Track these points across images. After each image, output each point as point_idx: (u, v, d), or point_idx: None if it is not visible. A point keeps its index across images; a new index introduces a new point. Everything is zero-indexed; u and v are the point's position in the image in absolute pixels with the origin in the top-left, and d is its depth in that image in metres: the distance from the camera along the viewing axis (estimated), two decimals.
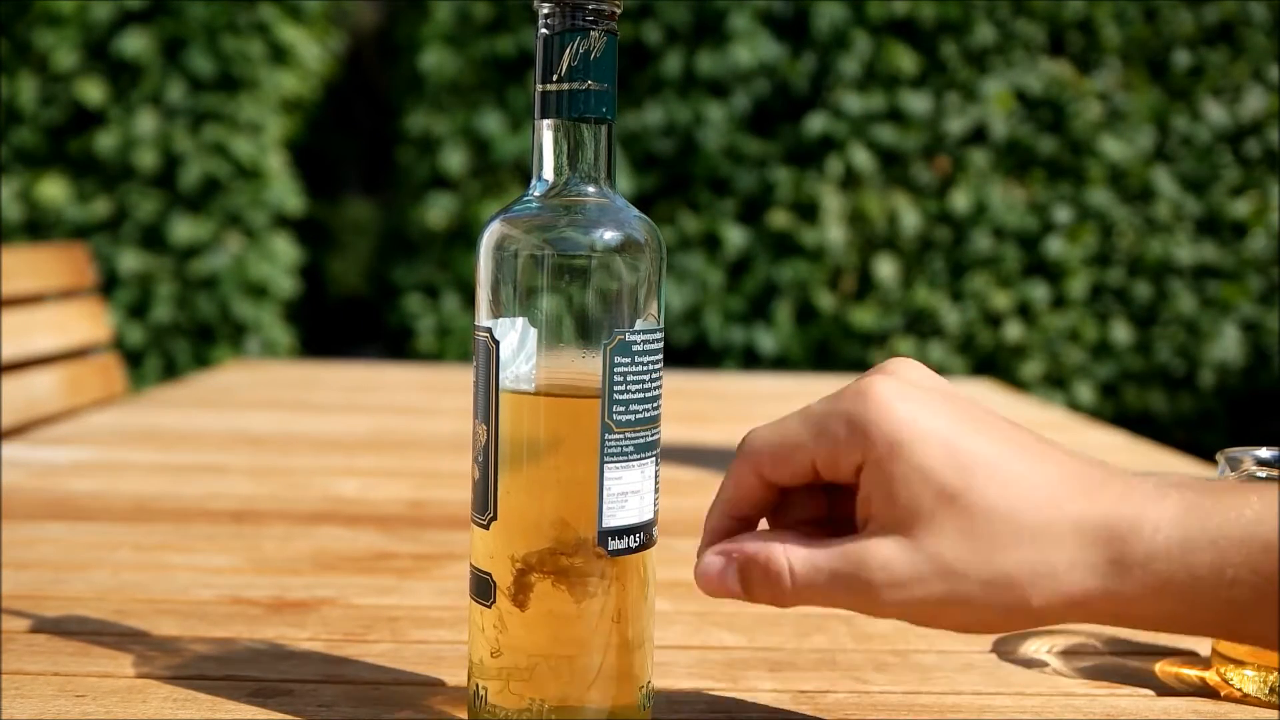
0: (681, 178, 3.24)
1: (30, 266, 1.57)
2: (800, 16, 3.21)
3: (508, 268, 0.46)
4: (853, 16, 3.18)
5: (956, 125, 3.20)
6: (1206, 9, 3.29)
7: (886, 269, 3.22)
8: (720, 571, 0.45)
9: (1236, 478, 0.57)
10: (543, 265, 0.46)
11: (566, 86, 0.46)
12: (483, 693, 0.48)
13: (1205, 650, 0.61)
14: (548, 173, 0.48)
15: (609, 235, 0.46)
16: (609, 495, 0.46)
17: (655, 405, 0.48)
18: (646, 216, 0.48)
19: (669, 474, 0.86)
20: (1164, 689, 0.57)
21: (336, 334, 4.38)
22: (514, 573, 0.46)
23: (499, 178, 3.22)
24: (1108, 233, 3.32)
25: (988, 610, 0.40)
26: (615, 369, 0.46)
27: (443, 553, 0.79)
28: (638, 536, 0.47)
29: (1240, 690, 0.56)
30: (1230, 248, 3.36)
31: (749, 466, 0.45)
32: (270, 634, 0.62)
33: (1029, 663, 0.61)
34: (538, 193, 0.48)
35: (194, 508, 0.90)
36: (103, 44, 3.05)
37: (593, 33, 0.46)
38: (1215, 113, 3.31)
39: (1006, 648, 0.63)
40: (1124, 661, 0.61)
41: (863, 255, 3.26)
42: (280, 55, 3.22)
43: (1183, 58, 3.30)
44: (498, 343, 0.46)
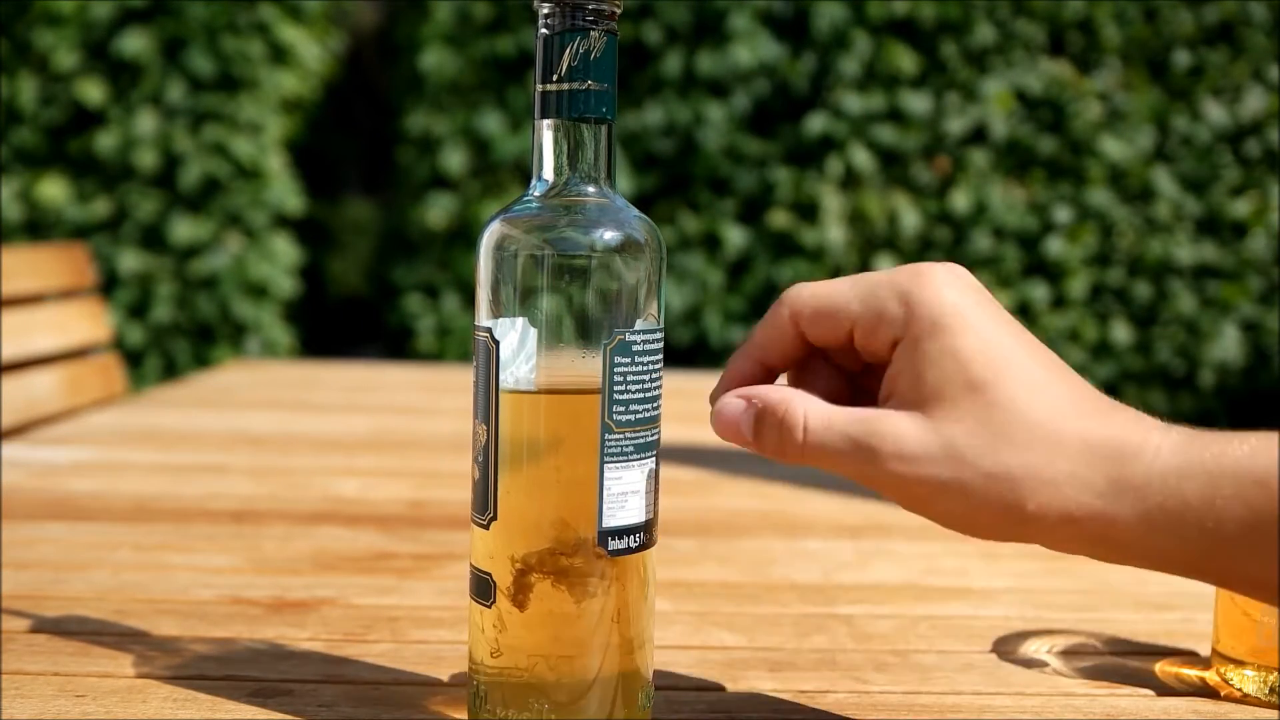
0: (681, 178, 3.24)
1: (30, 266, 1.57)
2: (800, 16, 3.21)
3: (508, 268, 0.46)
4: (853, 16, 3.18)
5: (956, 125, 3.20)
6: (1206, 9, 3.29)
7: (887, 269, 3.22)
8: (738, 415, 0.45)
9: None
10: (543, 265, 0.46)
11: (566, 86, 0.46)
12: (483, 693, 0.48)
13: (1205, 650, 0.61)
14: (548, 173, 0.48)
15: (609, 235, 0.46)
16: (609, 495, 0.46)
17: (655, 405, 0.48)
18: (646, 216, 0.48)
19: (669, 474, 0.86)
20: (1164, 689, 0.57)
21: (336, 334, 4.38)
22: (514, 573, 0.46)
23: (499, 178, 3.22)
24: (1108, 233, 3.32)
25: (983, 506, 0.41)
26: (615, 369, 0.46)
27: (443, 553, 0.79)
28: (638, 536, 0.47)
29: (1240, 690, 0.56)
30: (1230, 248, 3.36)
31: (788, 315, 0.46)
32: (270, 634, 0.62)
33: (1029, 663, 0.61)
34: (538, 193, 0.48)
35: (194, 508, 0.90)
36: (103, 44, 3.05)
37: (593, 33, 0.46)
38: (1215, 113, 3.31)
39: (1006, 648, 0.63)
40: (1124, 661, 0.61)
41: (863, 255, 3.26)
42: (280, 55, 3.22)
43: (1183, 58, 3.30)
44: (498, 343, 0.46)
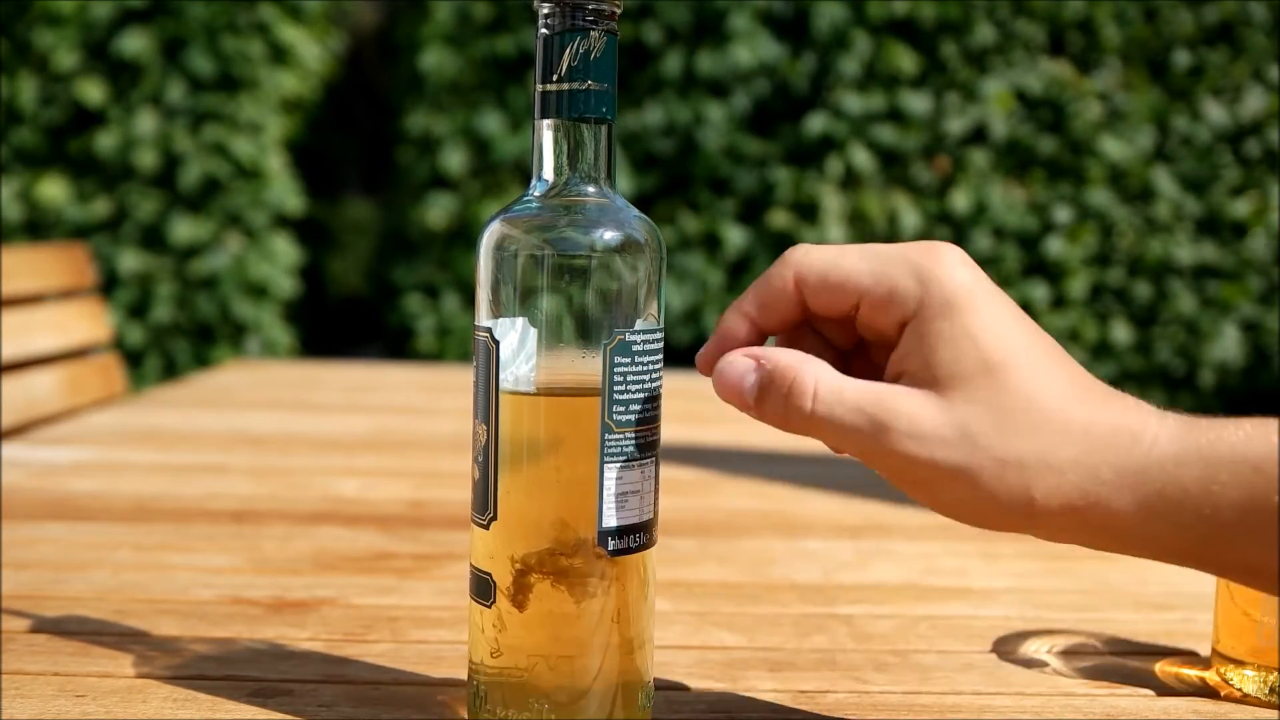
0: (681, 178, 3.25)
1: (30, 266, 1.57)
2: (800, 16, 3.21)
3: (508, 268, 0.46)
4: (853, 16, 3.18)
5: (956, 125, 3.20)
6: (1206, 9, 3.29)
7: None
8: (742, 375, 0.44)
9: None
10: (543, 265, 0.46)
11: (566, 86, 0.46)
12: (483, 693, 0.48)
13: (1205, 650, 0.61)
14: (548, 173, 0.48)
15: (609, 235, 0.46)
16: (609, 495, 0.46)
17: (655, 405, 0.48)
18: (646, 216, 0.48)
19: (669, 474, 0.86)
20: (1164, 689, 0.57)
21: (336, 334, 4.38)
22: (514, 573, 0.46)
23: (499, 178, 3.22)
24: (1108, 233, 3.32)
25: (989, 495, 0.40)
26: (615, 369, 0.46)
27: (443, 553, 0.79)
28: (638, 536, 0.47)
29: (1240, 690, 0.56)
30: (1230, 248, 3.36)
31: (792, 278, 0.44)
32: (270, 634, 0.62)
33: (1029, 663, 0.61)
34: (538, 193, 0.48)
35: (194, 508, 0.90)
36: (103, 44, 3.05)
37: (593, 33, 0.46)
38: (1215, 113, 3.31)
39: (1006, 648, 0.63)
40: (1124, 661, 0.61)
41: None
42: (280, 55, 3.22)
43: (1183, 58, 3.30)
44: (498, 343, 0.46)
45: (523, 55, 3.16)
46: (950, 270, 0.41)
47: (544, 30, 0.47)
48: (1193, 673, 0.59)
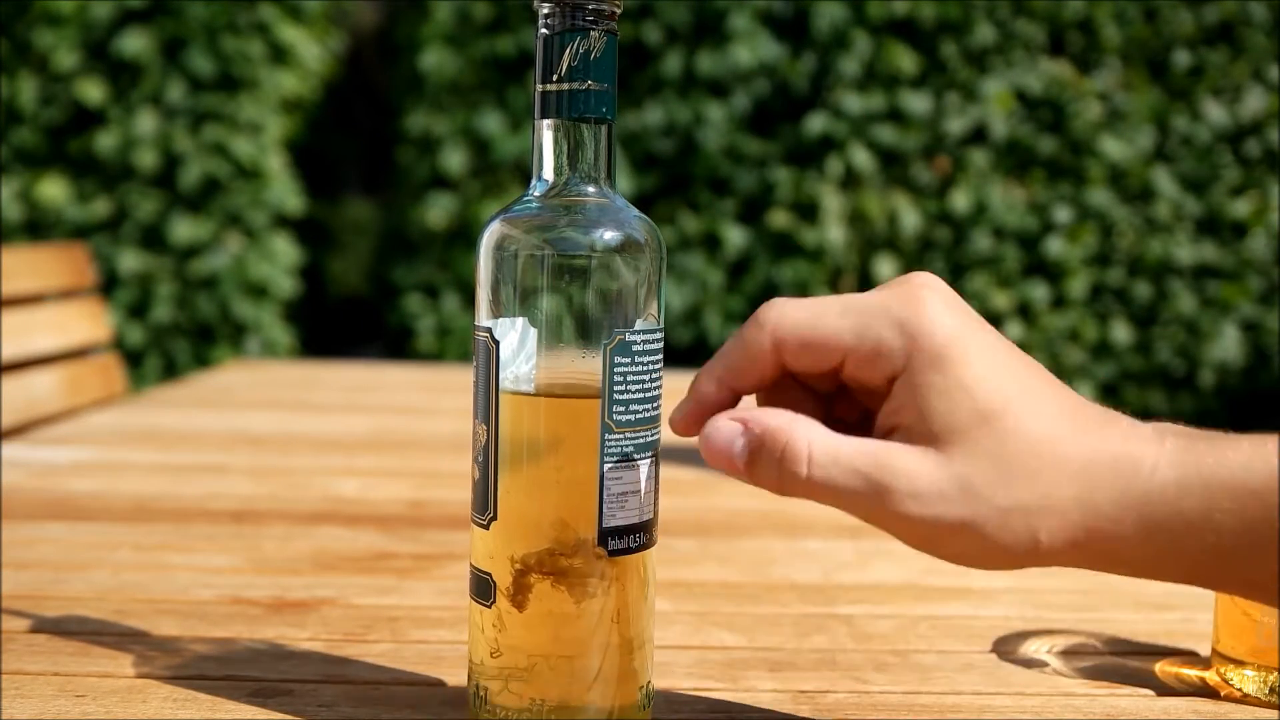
0: (681, 178, 3.24)
1: (30, 266, 1.57)
2: (800, 16, 3.21)
3: (508, 268, 0.46)
4: (853, 16, 3.18)
5: (956, 125, 3.20)
6: (1206, 9, 3.29)
7: (887, 269, 3.22)
8: (730, 440, 0.42)
9: None
10: (543, 265, 0.46)
11: (566, 86, 0.46)
12: (483, 693, 0.48)
13: (1205, 650, 0.61)
14: (548, 173, 0.48)
15: (609, 235, 0.46)
16: (609, 495, 0.46)
17: (655, 405, 0.48)
18: (646, 216, 0.48)
19: (669, 474, 0.86)
20: (1164, 689, 0.57)
21: (336, 334, 4.38)
22: (513, 573, 0.46)
23: (499, 178, 3.22)
24: (1108, 233, 3.32)
25: (995, 543, 0.40)
26: (615, 369, 0.46)
27: (443, 553, 0.79)
28: (638, 536, 0.47)
29: (1240, 690, 0.56)
30: (1230, 248, 3.36)
31: (769, 342, 0.42)
32: (270, 634, 0.62)
33: (1029, 663, 0.61)
34: (538, 193, 0.48)
35: (194, 508, 0.90)
36: (103, 44, 3.05)
37: (593, 33, 0.46)
38: (1215, 113, 3.31)
39: (1006, 648, 0.63)
40: (1124, 661, 0.61)
41: (863, 255, 3.26)
42: (280, 55, 3.22)
43: (1183, 58, 3.30)
44: (498, 343, 0.46)
45: (523, 55, 3.16)
46: (935, 319, 0.40)
47: (544, 30, 0.47)
48: (1193, 673, 0.59)
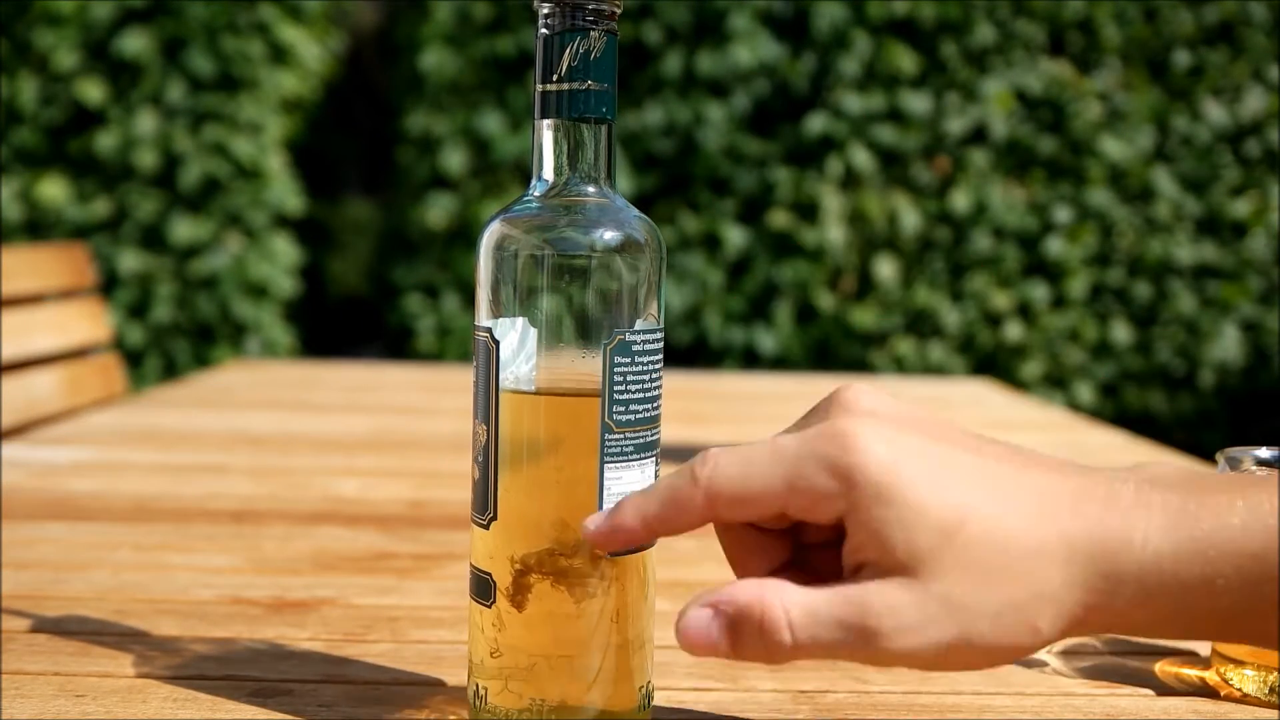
0: (681, 178, 3.25)
1: (30, 266, 1.57)
2: (800, 16, 3.21)
3: (508, 268, 0.46)
4: (853, 16, 3.18)
5: (956, 125, 3.20)
6: (1206, 9, 3.29)
7: (886, 269, 3.22)
8: (706, 628, 0.41)
9: None
10: (543, 265, 0.46)
11: (566, 86, 0.46)
12: (483, 693, 0.48)
13: (1205, 650, 0.61)
14: (548, 173, 0.48)
15: (609, 235, 0.46)
16: (609, 495, 0.46)
17: (655, 405, 0.48)
18: (646, 216, 0.48)
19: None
20: (1164, 689, 0.57)
21: (336, 334, 4.38)
22: (513, 573, 0.46)
23: (499, 178, 3.22)
24: (1108, 233, 3.32)
25: (996, 646, 0.39)
26: (615, 369, 0.46)
27: (443, 553, 0.79)
28: None
29: (1240, 690, 0.56)
30: (1230, 248, 3.37)
31: (701, 499, 0.41)
32: (270, 634, 0.62)
33: (1029, 663, 0.61)
34: (538, 193, 0.48)
35: (194, 508, 0.90)
36: (103, 44, 3.05)
37: (593, 33, 0.46)
38: (1215, 113, 3.31)
39: None
40: (1124, 661, 0.61)
41: (863, 255, 3.26)
42: (280, 55, 3.22)
43: (1183, 58, 3.30)
44: (498, 343, 0.46)
45: (523, 55, 3.16)
46: (866, 453, 0.39)
47: (544, 30, 0.47)
48: (1193, 672, 0.59)
